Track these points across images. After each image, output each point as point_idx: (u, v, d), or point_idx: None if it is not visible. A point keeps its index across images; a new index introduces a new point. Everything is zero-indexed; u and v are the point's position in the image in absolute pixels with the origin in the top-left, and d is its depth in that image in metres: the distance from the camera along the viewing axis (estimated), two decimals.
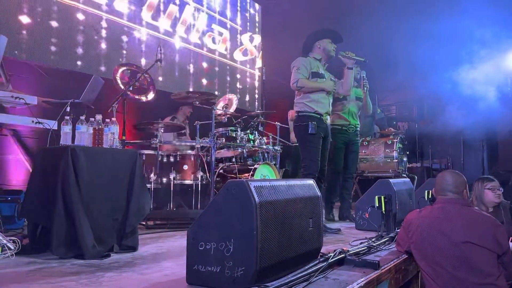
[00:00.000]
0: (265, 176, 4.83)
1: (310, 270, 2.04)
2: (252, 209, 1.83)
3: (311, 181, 2.38)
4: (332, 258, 2.23)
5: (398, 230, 3.30)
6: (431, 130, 8.98)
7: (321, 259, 2.21)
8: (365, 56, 3.92)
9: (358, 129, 4.80)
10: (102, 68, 5.37)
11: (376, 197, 3.39)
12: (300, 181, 2.29)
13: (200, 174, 4.58)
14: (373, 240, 2.98)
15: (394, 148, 5.60)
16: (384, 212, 3.36)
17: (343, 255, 2.33)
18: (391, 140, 5.71)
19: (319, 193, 2.35)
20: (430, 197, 4.46)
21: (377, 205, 3.38)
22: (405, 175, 5.60)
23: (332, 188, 4.66)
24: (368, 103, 4.74)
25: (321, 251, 2.35)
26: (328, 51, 3.94)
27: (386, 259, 2.51)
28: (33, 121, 2.88)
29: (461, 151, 8.89)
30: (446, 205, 2.43)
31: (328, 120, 3.92)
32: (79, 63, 5.10)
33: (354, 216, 4.06)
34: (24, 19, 4.57)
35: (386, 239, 3.05)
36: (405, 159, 5.91)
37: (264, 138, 5.38)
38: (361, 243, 2.86)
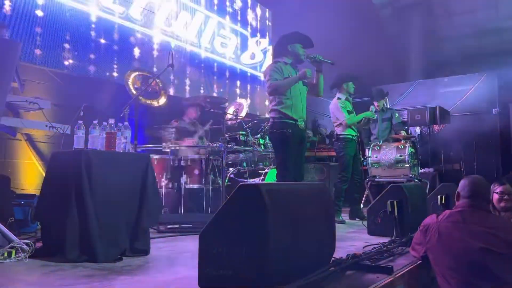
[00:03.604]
0: (275, 180, 4.82)
1: (322, 275, 2.02)
2: (264, 213, 1.82)
3: (322, 184, 2.36)
4: (345, 263, 2.21)
5: (411, 235, 3.27)
6: (443, 134, 8.91)
7: (333, 264, 2.19)
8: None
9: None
10: (115, 74, 5.42)
11: (389, 202, 3.36)
12: (312, 184, 2.28)
13: (211, 178, 4.59)
14: (386, 245, 2.95)
15: (406, 152, 5.54)
16: (396, 217, 3.32)
17: (356, 260, 2.30)
18: (403, 144, 5.65)
19: (332, 197, 2.34)
20: (443, 202, 4.42)
21: (389, 210, 3.35)
22: (417, 180, 5.54)
23: (339, 194, 4.74)
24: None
25: (334, 255, 2.33)
26: (298, 55, 3.94)
27: (400, 264, 2.48)
28: (46, 126, 2.91)
29: (474, 155, 8.79)
30: (466, 210, 2.41)
31: (303, 124, 3.91)
32: (92, 68, 5.15)
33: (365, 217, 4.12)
34: (38, 24, 4.63)
35: (400, 244, 3.01)
36: (417, 164, 5.84)
37: None
38: (373, 248, 2.83)
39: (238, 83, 7.89)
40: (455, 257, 2.28)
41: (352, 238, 3.60)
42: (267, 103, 8.40)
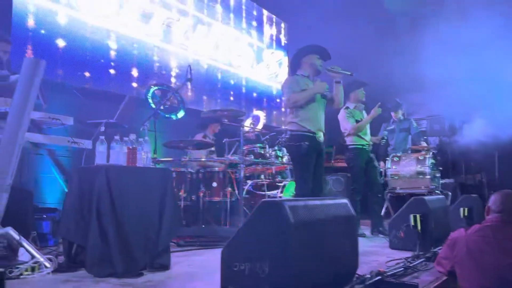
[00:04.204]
0: (294, 193, 4.79)
1: None
2: (288, 230, 1.80)
3: (345, 201, 2.33)
4: (369, 280, 2.17)
5: (435, 249, 3.21)
6: (464, 144, 8.74)
7: (357, 281, 2.15)
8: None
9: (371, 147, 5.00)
10: (134, 88, 5.49)
11: (412, 215, 3.30)
12: (335, 200, 2.25)
13: (229, 191, 4.59)
14: (409, 260, 2.89)
15: (427, 163, 5.46)
16: (420, 231, 3.26)
17: (380, 277, 2.26)
18: (423, 155, 5.58)
19: (354, 213, 2.30)
20: (466, 214, 4.33)
21: (412, 224, 3.29)
22: (438, 192, 5.45)
23: (355, 207, 4.61)
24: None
25: (357, 272, 2.29)
26: (315, 66, 3.92)
27: (425, 280, 2.43)
28: (68, 141, 2.95)
29: (496, 166, 8.59)
30: (497, 225, 2.35)
31: (322, 137, 3.88)
32: (111, 83, 5.23)
33: (387, 232, 4.02)
34: (61, 42, 4.74)
35: (423, 259, 2.95)
36: (438, 175, 5.75)
37: None
38: (397, 264, 2.78)
39: (254, 94, 7.92)
40: (485, 272, 2.22)
41: (374, 252, 3.54)
42: (283, 115, 8.41)
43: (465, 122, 7.86)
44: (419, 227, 3.28)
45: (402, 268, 2.63)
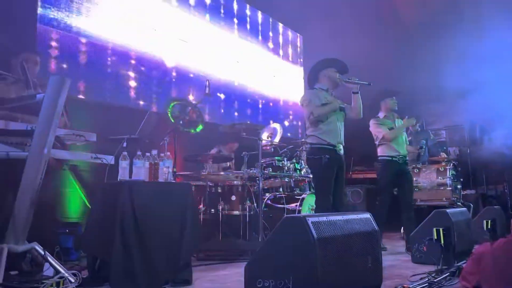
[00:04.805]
0: (313, 206, 4.77)
1: None
2: (311, 246, 1.80)
3: (368, 215, 2.32)
4: None
5: (458, 264, 3.15)
6: (484, 154, 8.58)
7: None
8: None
9: (407, 159, 4.78)
10: (154, 103, 5.58)
11: (434, 229, 3.25)
12: (357, 215, 2.24)
13: (247, 204, 4.59)
14: (433, 275, 2.84)
15: (447, 175, 5.39)
16: (443, 245, 3.21)
17: None
18: (443, 166, 5.50)
19: (377, 228, 2.29)
20: (489, 227, 4.24)
21: (435, 237, 3.24)
22: (460, 203, 5.35)
23: (379, 219, 4.49)
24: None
25: (381, 287, 2.26)
26: (333, 79, 3.91)
27: None
28: (92, 157, 3.00)
29: None
30: None
31: (342, 150, 3.85)
32: (132, 99, 5.33)
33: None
34: (83, 59, 4.86)
35: (448, 273, 2.90)
36: (459, 186, 5.66)
37: None
38: (421, 279, 2.73)
39: (271, 107, 7.95)
40: None
41: (397, 266, 3.49)
42: (300, 127, 8.42)
43: (486, 132, 7.75)
44: (442, 241, 3.22)
45: (426, 284, 2.59)
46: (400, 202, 4.63)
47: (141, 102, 5.43)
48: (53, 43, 4.60)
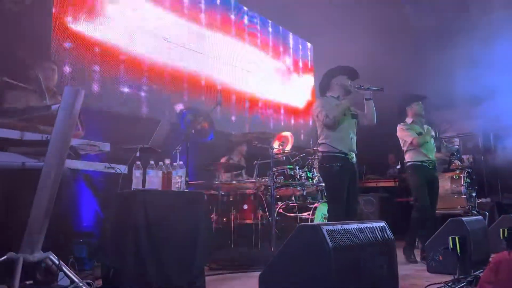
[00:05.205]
0: (325, 215, 4.73)
1: None
2: (327, 255, 1.79)
3: (382, 224, 2.29)
4: None
5: (475, 273, 3.09)
6: (499, 162, 8.46)
7: None
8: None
9: (436, 164, 4.66)
10: (166, 112, 5.62)
11: (450, 238, 3.20)
12: (372, 223, 2.22)
13: (260, 213, 4.58)
14: (450, 284, 2.80)
15: (462, 183, 5.32)
16: (459, 253, 3.15)
17: None
18: (458, 174, 5.43)
19: (392, 236, 2.26)
20: (506, 235, 4.16)
21: (451, 246, 3.18)
22: (475, 212, 5.27)
23: (417, 228, 4.40)
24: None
25: None
26: (345, 87, 3.88)
27: None
28: (105, 167, 3.02)
29: None
30: None
31: (354, 158, 3.81)
32: (144, 108, 5.38)
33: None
34: (96, 68, 4.92)
35: (465, 283, 2.85)
36: (474, 194, 5.58)
37: None
38: None
39: (282, 116, 7.95)
40: None
41: (412, 276, 3.44)
42: (311, 136, 8.40)
43: (500, 140, 7.65)
44: (458, 250, 3.17)
45: None
46: None
47: (153, 112, 5.47)
48: (67, 54, 4.67)
